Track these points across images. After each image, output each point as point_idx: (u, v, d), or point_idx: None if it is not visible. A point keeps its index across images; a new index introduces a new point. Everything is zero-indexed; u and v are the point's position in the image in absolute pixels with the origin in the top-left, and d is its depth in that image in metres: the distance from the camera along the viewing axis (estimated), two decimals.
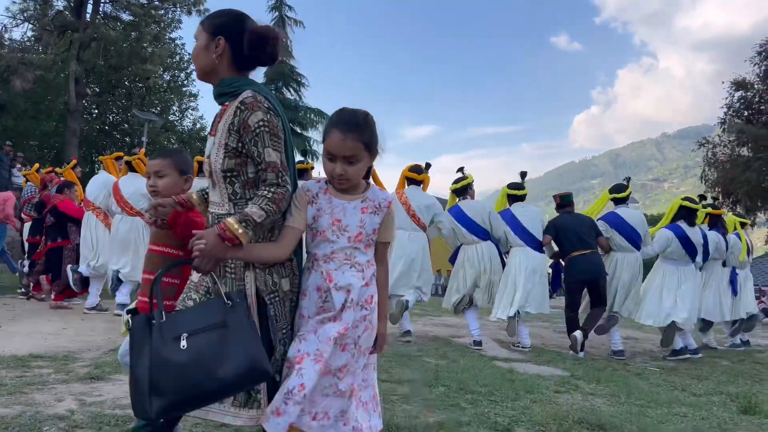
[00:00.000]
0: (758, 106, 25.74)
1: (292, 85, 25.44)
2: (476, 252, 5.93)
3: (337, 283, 1.85)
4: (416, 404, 3.19)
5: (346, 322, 1.83)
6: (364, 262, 1.91)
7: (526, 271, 5.81)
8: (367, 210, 1.92)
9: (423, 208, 5.86)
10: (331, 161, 1.87)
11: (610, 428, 3.00)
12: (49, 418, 2.52)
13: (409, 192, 5.96)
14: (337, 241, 1.88)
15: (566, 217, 6.16)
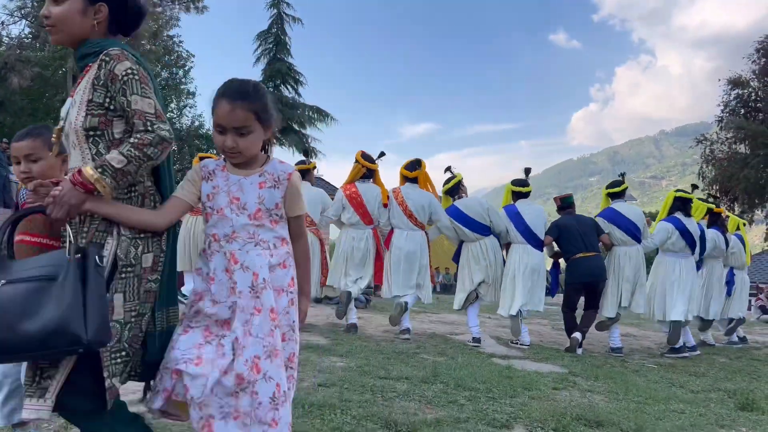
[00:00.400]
0: (755, 103, 25.78)
1: (290, 82, 25.39)
2: (480, 248, 5.93)
3: (243, 263, 1.75)
4: (414, 401, 3.20)
5: (269, 305, 1.74)
6: (272, 240, 1.81)
7: (526, 269, 5.82)
8: (265, 185, 1.82)
9: (419, 207, 5.85)
10: (221, 134, 1.77)
11: (607, 425, 3.01)
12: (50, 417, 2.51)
13: (404, 190, 5.94)
14: (237, 219, 1.78)
15: (569, 218, 6.18)
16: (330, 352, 4.59)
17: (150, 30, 21.90)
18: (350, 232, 5.91)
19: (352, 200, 5.89)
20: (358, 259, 5.83)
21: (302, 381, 3.48)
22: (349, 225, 5.93)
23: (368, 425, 2.65)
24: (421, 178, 6.06)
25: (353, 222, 5.90)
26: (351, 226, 5.92)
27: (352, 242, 5.85)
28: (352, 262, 5.84)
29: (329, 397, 3.05)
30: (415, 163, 6.11)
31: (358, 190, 5.92)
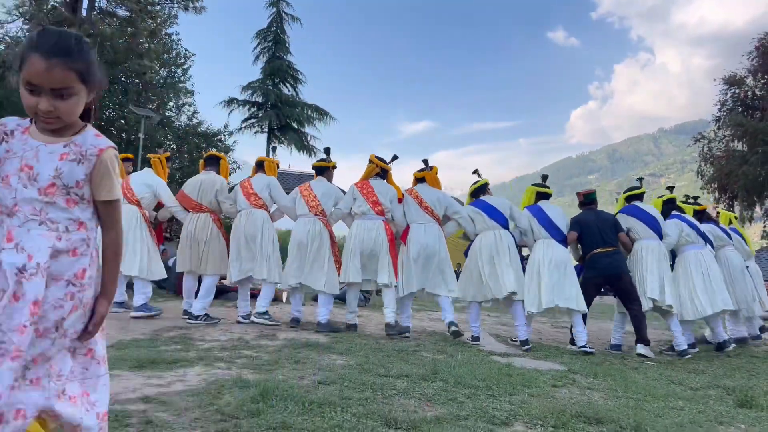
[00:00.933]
0: (752, 101, 25.79)
1: (289, 81, 25.39)
2: (494, 237, 5.86)
3: (19, 243, 1.49)
4: (414, 398, 3.21)
5: (33, 296, 1.45)
6: (65, 221, 1.55)
7: (550, 264, 5.75)
8: (67, 156, 1.55)
9: (435, 200, 5.98)
10: (33, 94, 1.50)
11: (607, 422, 3.01)
12: None
13: (418, 188, 6.11)
14: (22, 190, 1.52)
15: (589, 214, 6.21)
16: (330, 350, 4.59)
17: (149, 28, 21.89)
18: (360, 223, 5.93)
19: (363, 190, 5.98)
20: (369, 249, 5.83)
21: (302, 379, 3.49)
22: (360, 214, 5.95)
23: (368, 423, 2.65)
24: (429, 177, 6.20)
25: (364, 211, 5.92)
26: (362, 215, 5.94)
27: (363, 233, 5.86)
28: (364, 253, 5.85)
29: (329, 395, 3.05)
30: (424, 164, 6.36)
31: (370, 183, 6.04)
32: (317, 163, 6.43)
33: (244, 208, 6.09)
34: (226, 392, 3.03)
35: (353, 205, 6.02)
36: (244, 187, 6.19)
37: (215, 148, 28.93)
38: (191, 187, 6.25)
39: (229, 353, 4.25)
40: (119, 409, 2.62)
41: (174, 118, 28.25)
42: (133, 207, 6.20)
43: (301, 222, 6.01)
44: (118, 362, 3.66)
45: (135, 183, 6.35)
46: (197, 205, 6.16)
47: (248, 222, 5.99)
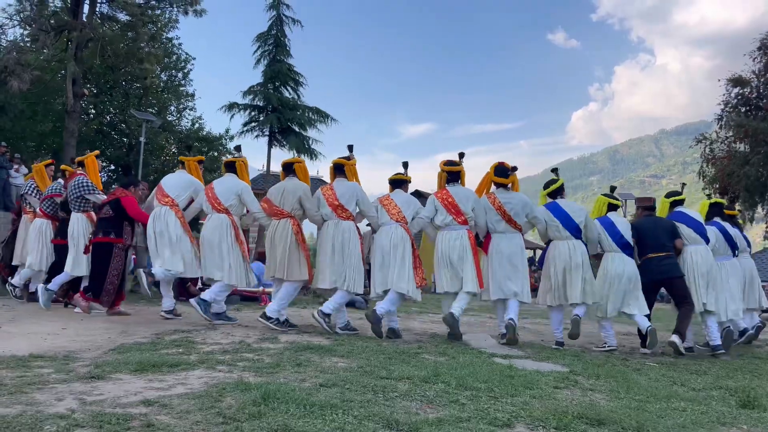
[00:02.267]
0: (756, 101, 25.75)
1: (290, 84, 25.35)
2: (567, 248, 5.99)
3: None
4: (416, 401, 3.20)
5: None
6: None
7: (622, 278, 5.96)
8: None
9: (518, 209, 6.04)
10: None
11: (609, 423, 3.00)
12: (50, 417, 2.52)
13: (500, 195, 6.08)
14: None
15: (648, 220, 6.42)
16: (331, 353, 4.59)
17: (149, 32, 21.92)
18: (445, 233, 5.98)
19: (443, 201, 5.98)
20: (455, 258, 5.86)
21: (303, 381, 3.49)
22: (444, 226, 5.99)
23: (370, 425, 2.65)
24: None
25: (447, 222, 5.96)
26: (446, 227, 5.98)
27: (449, 242, 5.91)
28: (448, 261, 5.89)
29: (331, 397, 3.05)
30: (511, 169, 6.29)
31: (450, 191, 6.03)
32: (395, 176, 6.36)
33: (330, 218, 6.02)
34: (227, 395, 3.03)
35: (435, 216, 6.05)
36: (328, 195, 6.04)
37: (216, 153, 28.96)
38: (275, 192, 6.12)
39: (231, 356, 4.25)
40: (120, 413, 2.63)
41: (175, 122, 28.32)
42: (222, 215, 6.06)
43: (384, 230, 5.98)
44: (119, 365, 3.66)
45: (220, 191, 6.15)
46: (279, 210, 6.03)
47: (336, 231, 5.93)
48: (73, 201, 6.88)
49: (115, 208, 6.50)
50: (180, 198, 6.28)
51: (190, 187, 6.40)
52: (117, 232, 6.47)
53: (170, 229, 6.09)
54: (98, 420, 2.51)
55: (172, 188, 6.32)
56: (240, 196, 6.17)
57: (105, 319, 6.11)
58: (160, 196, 6.28)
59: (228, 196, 6.13)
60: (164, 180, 6.52)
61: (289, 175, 6.23)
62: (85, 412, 2.62)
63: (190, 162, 6.76)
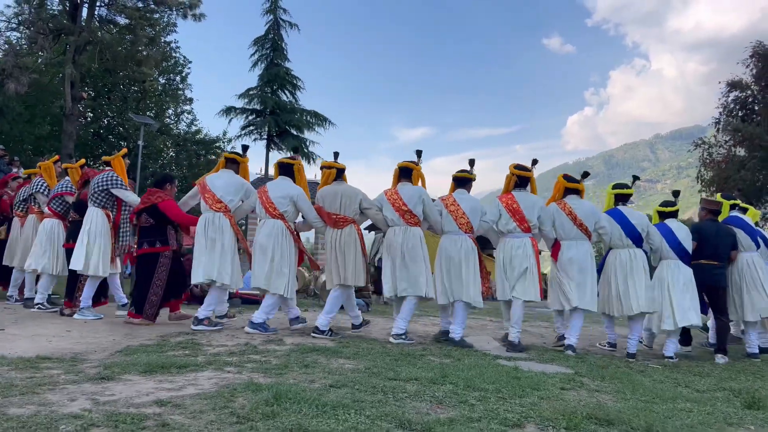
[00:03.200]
0: (752, 106, 25.89)
1: (288, 87, 25.44)
2: (628, 256, 5.98)
3: None
4: (426, 401, 3.22)
5: None
6: None
7: (678, 284, 5.96)
8: None
9: (588, 215, 5.99)
10: None
11: (618, 423, 3.03)
12: (65, 417, 2.53)
13: (571, 202, 6.04)
14: None
15: (709, 225, 6.44)
16: (338, 354, 4.60)
17: (148, 36, 21.92)
18: (507, 240, 5.91)
19: (508, 206, 5.91)
20: (519, 266, 5.79)
21: (313, 382, 3.50)
22: (507, 233, 5.93)
23: (383, 425, 2.66)
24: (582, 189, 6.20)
25: (510, 229, 5.89)
26: (508, 233, 5.91)
27: (511, 250, 5.84)
28: (512, 269, 5.81)
29: (342, 398, 3.07)
30: (583, 175, 6.39)
31: (515, 197, 5.96)
32: (460, 174, 6.17)
33: (397, 223, 5.84)
34: (239, 395, 3.04)
35: (499, 221, 5.96)
36: (394, 200, 5.84)
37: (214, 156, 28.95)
38: (328, 198, 5.93)
39: (238, 358, 4.26)
40: (134, 412, 2.64)
41: (173, 126, 28.30)
42: (278, 221, 5.82)
43: (452, 240, 5.83)
44: (128, 367, 3.67)
45: (274, 196, 5.85)
46: (341, 217, 5.86)
47: (405, 238, 5.77)
48: (95, 194, 6.39)
49: (153, 214, 6.06)
50: (233, 203, 5.97)
51: (242, 190, 6.05)
52: (162, 240, 6.07)
53: (225, 238, 5.79)
54: (113, 419, 2.52)
55: (224, 192, 5.92)
56: (295, 203, 5.89)
57: (109, 322, 6.10)
58: (210, 200, 5.88)
59: (283, 201, 5.85)
60: (211, 181, 6.01)
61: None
62: (100, 412, 2.63)
63: (245, 163, 6.35)
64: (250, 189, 6.15)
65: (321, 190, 6.06)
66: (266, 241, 5.74)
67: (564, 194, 6.19)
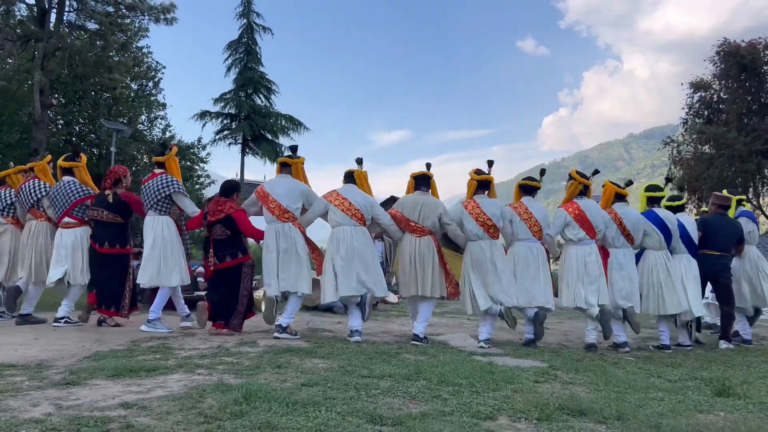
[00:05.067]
0: (717, 105, 26.45)
1: (262, 91, 25.31)
2: (665, 257, 6.17)
3: None
4: (399, 397, 3.20)
5: None
6: None
7: (689, 277, 6.18)
8: None
9: (636, 225, 6.15)
10: None
11: (590, 413, 3.04)
12: (25, 422, 2.46)
13: (619, 209, 6.19)
14: None
15: (716, 218, 6.65)
16: (311, 354, 4.56)
17: (119, 41, 21.63)
18: (578, 248, 5.98)
19: (576, 217, 6.00)
20: (593, 273, 5.88)
21: (284, 381, 3.46)
22: (577, 241, 6.00)
23: (353, 420, 2.63)
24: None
25: (580, 237, 5.97)
26: (578, 242, 5.99)
27: (584, 257, 5.92)
28: (588, 276, 5.89)
29: (313, 396, 3.03)
30: (627, 183, 6.52)
31: (579, 206, 6.05)
32: (528, 182, 6.32)
33: (481, 237, 5.81)
34: (207, 396, 2.99)
35: (567, 231, 6.08)
36: (477, 214, 5.80)
37: (189, 162, 28.64)
38: (409, 208, 5.86)
39: (210, 360, 4.20)
40: (98, 416, 2.57)
41: (146, 132, 27.96)
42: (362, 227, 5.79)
43: (526, 246, 5.94)
44: (95, 372, 3.59)
45: (356, 201, 5.79)
46: (419, 228, 5.78)
47: (492, 251, 5.80)
48: (158, 201, 5.99)
49: (230, 226, 5.83)
50: (298, 210, 5.86)
51: (303, 196, 5.93)
52: (243, 250, 5.94)
53: (298, 249, 5.73)
54: (75, 423, 2.45)
55: (289, 201, 5.80)
56: (373, 208, 5.90)
57: (78, 329, 5.97)
58: (277, 211, 5.76)
59: (366, 208, 5.82)
60: (272, 188, 5.89)
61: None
62: (62, 416, 2.56)
63: (298, 165, 6.19)
64: (312, 194, 6.04)
65: (406, 198, 6.03)
66: (362, 247, 5.71)
67: (614, 200, 6.35)
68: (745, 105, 25.17)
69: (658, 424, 2.86)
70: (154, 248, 5.95)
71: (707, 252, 6.43)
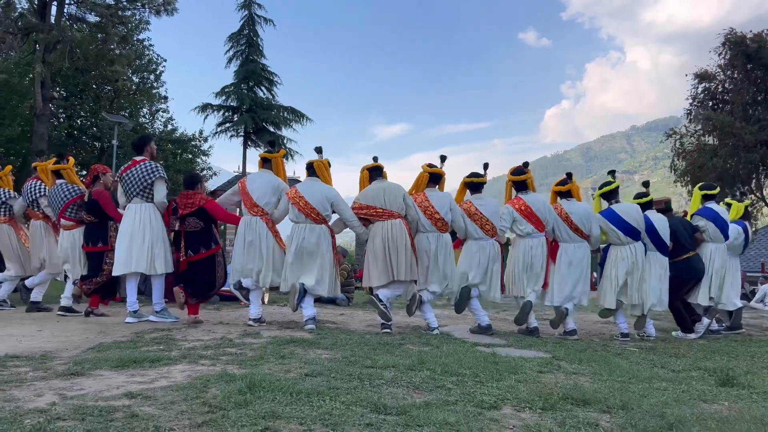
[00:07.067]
0: (722, 95, 26.35)
1: (264, 83, 25.21)
2: (629, 251, 6.14)
3: None
4: (402, 387, 3.20)
5: None
6: None
7: (658, 273, 6.29)
8: None
9: (584, 219, 6.18)
10: None
11: (594, 402, 3.03)
12: (30, 412, 2.46)
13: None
14: None
15: (675, 220, 6.76)
16: (315, 345, 4.56)
17: (120, 34, 21.59)
18: (525, 242, 6.09)
19: (521, 212, 6.08)
20: (537, 266, 6.04)
21: (288, 372, 3.46)
22: (525, 235, 6.10)
23: (358, 410, 2.63)
24: (574, 190, 6.36)
25: (528, 232, 6.07)
26: (526, 236, 6.10)
27: (530, 250, 6.04)
28: (531, 269, 6.04)
29: (317, 386, 3.03)
30: (567, 176, 6.49)
31: (525, 201, 6.14)
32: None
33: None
34: (212, 386, 2.99)
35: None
36: (425, 207, 5.85)
37: (191, 155, 28.62)
38: (371, 197, 5.82)
39: (213, 351, 4.20)
40: (103, 405, 2.57)
41: (148, 125, 27.95)
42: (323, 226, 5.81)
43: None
44: (99, 362, 3.59)
45: (312, 200, 5.76)
46: (386, 212, 5.72)
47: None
48: (143, 188, 5.86)
49: (203, 217, 5.89)
50: (269, 205, 5.91)
51: (278, 191, 5.99)
52: (215, 241, 6.02)
53: (262, 242, 5.79)
54: (80, 413, 2.45)
55: (260, 195, 5.89)
56: (333, 203, 5.85)
57: (82, 320, 5.98)
58: (248, 204, 5.88)
59: (324, 204, 5.79)
60: (249, 183, 6.01)
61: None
62: (66, 406, 2.56)
63: (278, 159, 6.26)
64: (285, 189, 6.05)
65: (369, 189, 5.99)
66: (314, 246, 5.71)
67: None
68: (751, 95, 25.06)
69: (662, 414, 2.86)
70: (144, 235, 5.81)
71: (692, 254, 6.63)
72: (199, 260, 5.89)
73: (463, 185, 6.34)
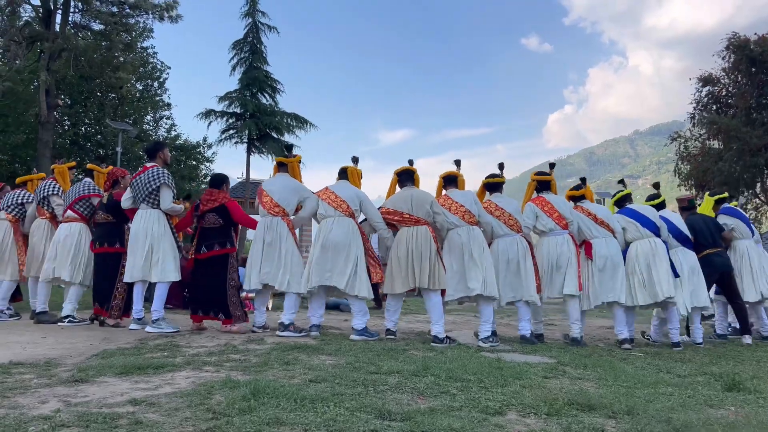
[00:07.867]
0: (726, 99, 26.28)
1: (267, 90, 25.23)
2: (649, 245, 6.07)
3: None
4: (407, 393, 3.19)
5: None
6: None
7: (689, 270, 6.26)
8: None
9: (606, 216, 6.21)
10: None
11: (599, 408, 3.02)
12: (34, 419, 2.46)
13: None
14: None
15: (696, 218, 6.78)
16: (319, 351, 4.56)
17: (124, 41, 21.68)
18: (549, 239, 6.05)
19: (543, 208, 6.09)
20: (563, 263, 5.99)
21: (292, 378, 3.46)
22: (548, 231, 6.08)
23: (362, 416, 2.63)
24: (588, 194, 6.41)
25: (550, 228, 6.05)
26: (549, 232, 6.08)
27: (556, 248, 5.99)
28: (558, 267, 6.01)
29: (321, 392, 3.02)
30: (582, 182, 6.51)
31: (546, 199, 6.15)
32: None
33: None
34: (216, 392, 2.99)
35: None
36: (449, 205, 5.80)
37: (195, 161, 28.68)
38: (399, 202, 5.77)
39: (217, 357, 4.20)
40: (107, 412, 2.57)
41: (152, 132, 28.04)
42: (349, 219, 5.74)
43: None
44: (103, 369, 3.59)
45: (344, 195, 5.78)
46: (413, 218, 5.66)
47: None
48: (150, 193, 5.84)
49: (223, 215, 5.90)
50: (290, 206, 5.89)
51: (298, 192, 5.97)
52: (231, 242, 5.96)
53: (282, 243, 5.72)
54: (84, 420, 2.45)
55: (282, 197, 5.86)
56: (362, 202, 5.87)
57: (86, 328, 5.99)
58: (269, 205, 5.84)
59: (354, 200, 5.81)
60: (268, 186, 5.99)
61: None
62: (71, 413, 2.56)
63: (294, 164, 6.24)
64: (306, 192, 6.06)
65: (396, 196, 5.97)
66: (343, 239, 5.64)
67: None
68: (755, 99, 25.00)
69: (668, 419, 2.84)
70: (145, 242, 5.80)
71: (712, 251, 6.56)
72: (211, 258, 5.83)
73: (482, 187, 6.31)
